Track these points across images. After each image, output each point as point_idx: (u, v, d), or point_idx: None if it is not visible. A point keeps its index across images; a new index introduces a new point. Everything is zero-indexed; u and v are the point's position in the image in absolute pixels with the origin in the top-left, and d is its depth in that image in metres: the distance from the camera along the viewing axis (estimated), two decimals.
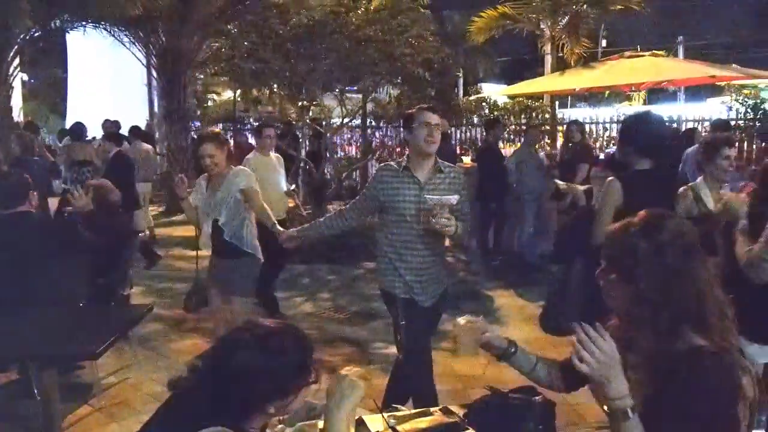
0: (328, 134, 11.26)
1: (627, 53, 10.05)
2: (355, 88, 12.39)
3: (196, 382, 1.70)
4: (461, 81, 24.89)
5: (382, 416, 1.90)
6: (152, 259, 8.49)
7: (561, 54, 12.10)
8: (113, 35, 12.46)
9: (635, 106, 21.58)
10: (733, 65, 14.74)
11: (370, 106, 13.33)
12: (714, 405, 1.55)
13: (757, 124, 10.23)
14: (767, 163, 3.56)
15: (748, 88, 12.59)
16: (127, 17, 11.07)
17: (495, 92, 16.00)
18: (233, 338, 1.72)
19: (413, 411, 2.01)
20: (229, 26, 11.37)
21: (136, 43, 12.86)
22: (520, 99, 13.79)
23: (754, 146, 10.26)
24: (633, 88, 10.71)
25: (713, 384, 1.56)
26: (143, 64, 13.61)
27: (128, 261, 5.91)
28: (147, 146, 10.34)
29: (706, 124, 10.55)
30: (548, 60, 13.32)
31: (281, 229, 4.19)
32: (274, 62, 9.81)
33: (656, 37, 21.15)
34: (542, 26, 12.34)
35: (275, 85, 11.32)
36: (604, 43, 22.60)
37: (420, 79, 10.25)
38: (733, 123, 9.70)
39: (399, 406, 2.08)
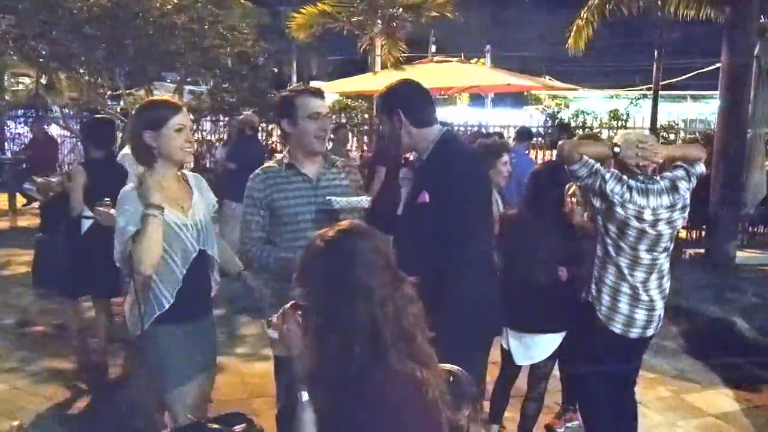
0: None
1: (436, 58, 10.34)
2: (177, 78, 11.75)
3: None
4: (294, 77, 24.64)
5: None
6: None
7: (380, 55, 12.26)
8: None
9: (459, 108, 22.63)
10: (546, 77, 15.79)
11: (188, 98, 12.66)
12: (389, 426, 1.48)
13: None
14: (535, 169, 3.68)
15: (560, 99, 13.46)
16: None
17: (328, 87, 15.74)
18: None
19: None
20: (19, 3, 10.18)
21: None
22: (341, 98, 13.79)
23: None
24: (442, 92, 11.07)
25: (388, 405, 1.48)
26: None
27: None
28: None
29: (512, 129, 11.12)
30: (376, 61, 13.44)
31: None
32: (69, 45, 8.97)
33: (484, 45, 22.18)
34: (371, 26, 12.40)
35: (77, 70, 10.37)
36: (433, 48, 23.37)
37: (233, 71, 9.88)
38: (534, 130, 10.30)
39: None
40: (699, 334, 5.95)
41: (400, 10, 11.59)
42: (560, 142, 3.21)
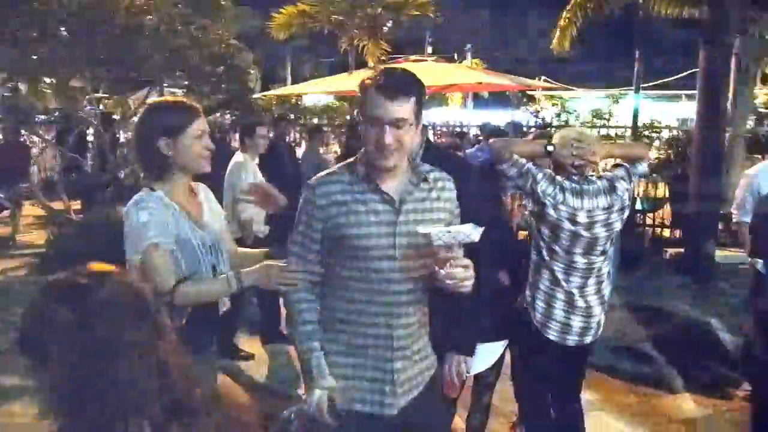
0: (119, 131, 10.35)
1: (412, 57, 10.17)
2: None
3: None
4: (289, 79, 24.52)
5: None
6: None
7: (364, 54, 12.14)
8: None
9: (452, 109, 22.46)
10: (542, 78, 15.62)
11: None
12: None
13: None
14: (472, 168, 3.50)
15: (556, 99, 13.36)
16: None
17: (286, 89, 15.10)
18: None
19: None
20: None
21: None
22: (332, 102, 13.62)
23: None
24: None
25: None
26: None
27: None
28: None
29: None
30: (369, 62, 13.30)
31: None
32: (38, 50, 8.81)
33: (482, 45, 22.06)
34: (351, 27, 12.23)
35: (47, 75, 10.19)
36: (429, 49, 23.25)
37: (205, 74, 9.70)
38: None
39: None
40: (672, 337, 5.74)
41: (380, 9, 11.44)
42: (491, 141, 3.04)
